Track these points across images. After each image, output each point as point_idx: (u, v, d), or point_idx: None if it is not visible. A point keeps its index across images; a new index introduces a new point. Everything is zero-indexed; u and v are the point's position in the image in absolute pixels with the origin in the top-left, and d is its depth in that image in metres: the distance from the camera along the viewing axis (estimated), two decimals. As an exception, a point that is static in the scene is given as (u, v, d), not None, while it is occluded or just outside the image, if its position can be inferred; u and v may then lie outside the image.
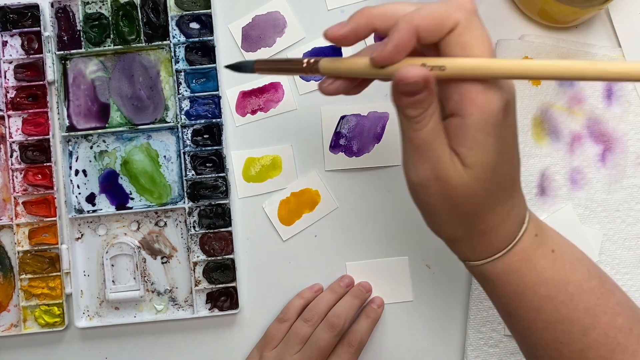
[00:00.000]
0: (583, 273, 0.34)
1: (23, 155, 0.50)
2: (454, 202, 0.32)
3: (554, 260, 0.33)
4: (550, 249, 0.34)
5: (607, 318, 0.33)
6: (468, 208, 0.32)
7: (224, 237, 0.51)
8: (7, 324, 0.50)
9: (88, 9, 0.51)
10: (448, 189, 0.32)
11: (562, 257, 0.34)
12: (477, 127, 0.30)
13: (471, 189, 0.31)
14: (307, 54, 0.52)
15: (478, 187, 0.31)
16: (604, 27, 0.53)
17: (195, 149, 0.51)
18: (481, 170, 0.31)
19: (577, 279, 0.33)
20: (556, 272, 0.33)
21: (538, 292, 0.33)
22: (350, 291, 0.50)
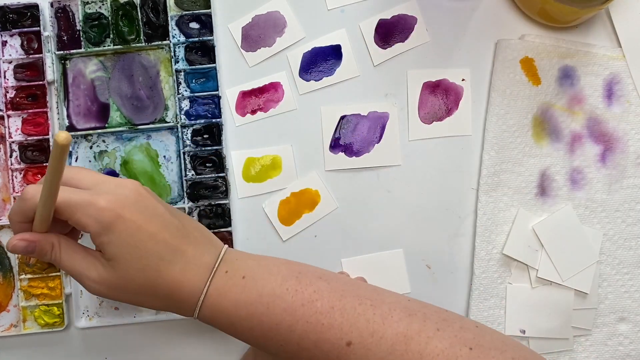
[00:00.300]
0: (275, 281, 0.39)
1: (23, 155, 0.50)
2: (119, 292, 0.39)
3: (244, 284, 0.39)
4: (240, 276, 0.40)
5: (304, 309, 0.38)
6: (132, 291, 0.39)
7: (224, 237, 0.51)
8: (7, 324, 0.50)
9: (88, 9, 0.51)
10: (104, 284, 0.39)
11: (253, 278, 0.39)
12: (93, 234, 0.38)
13: (114, 279, 0.39)
14: (307, 54, 0.52)
15: (119, 276, 0.39)
16: (604, 27, 0.53)
17: (195, 149, 0.51)
18: (117, 263, 0.38)
19: (269, 288, 0.39)
20: (248, 293, 0.39)
21: (241, 315, 0.39)
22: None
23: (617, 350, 0.51)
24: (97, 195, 0.38)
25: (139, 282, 0.39)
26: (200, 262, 0.40)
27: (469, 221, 0.52)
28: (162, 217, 0.39)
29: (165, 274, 0.39)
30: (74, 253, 0.40)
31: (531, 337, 0.51)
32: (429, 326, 0.37)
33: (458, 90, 0.52)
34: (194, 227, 0.42)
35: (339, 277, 0.41)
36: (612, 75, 0.52)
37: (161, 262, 0.39)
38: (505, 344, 0.37)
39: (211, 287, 0.39)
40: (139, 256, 0.38)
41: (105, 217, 0.37)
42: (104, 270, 0.39)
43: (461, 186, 0.52)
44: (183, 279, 0.39)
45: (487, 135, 0.51)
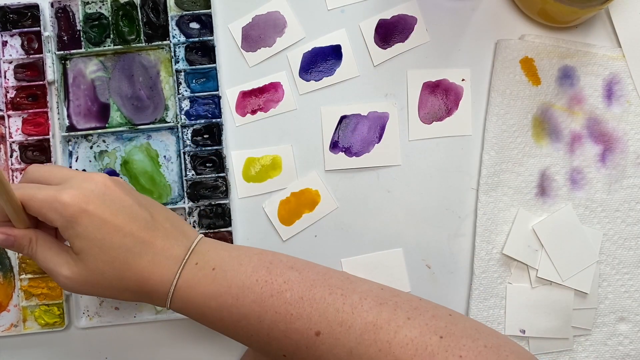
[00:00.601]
0: (245, 273, 0.39)
1: (23, 155, 0.50)
2: (90, 287, 0.40)
3: (214, 276, 0.39)
4: (210, 268, 0.40)
5: (273, 300, 0.38)
6: (103, 285, 0.40)
7: (224, 237, 0.51)
8: (7, 324, 0.50)
9: (88, 9, 0.51)
10: (75, 280, 0.40)
11: (223, 270, 0.40)
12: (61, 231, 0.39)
13: (83, 273, 0.40)
14: (307, 54, 0.52)
15: (89, 269, 0.39)
16: (604, 27, 0.53)
17: (195, 149, 0.51)
18: (85, 256, 0.39)
19: (239, 280, 0.39)
20: (217, 284, 0.39)
21: (211, 306, 0.39)
22: None
23: (617, 350, 0.51)
24: (62, 191, 0.38)
25: (108, 276, 0.39)
26: (170, 254, 0.40)
27: (469, 221, 0.52)
28: (129, 209, 0.40)
29: (134, 266, 0.39)
30: (49, 249, 0.41)
31: (531, 337, 0.51)
32: (400, 315, 0.37)
33: (458, 90, 0.52)
34: (165, 218, 0.42)
35: (312, 266, 0.41)
36: (612, 76, 0.52)
37: (129, 254, 0.39)
38: (479, 331, 0.37)
39: (180, 279, 0.40)
40: (106, 249, 0.39)
41: (69, 212, 0.38)
42: (74, 264, 0.40)
43: (461, 186, 0.52)
44: (152, 271, 0.40)
45: (487, 135, 0.51)
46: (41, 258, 0.41)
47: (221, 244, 0.42)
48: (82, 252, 0.39)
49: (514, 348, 0.37)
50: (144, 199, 0.42)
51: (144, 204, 0.41)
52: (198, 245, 0.41)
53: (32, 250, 0.41)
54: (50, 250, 0.41)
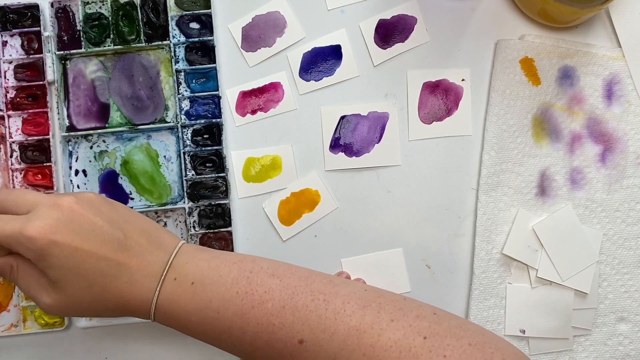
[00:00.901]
0: (225, 285, 0.39)
1: (23, 155, 0.50)
2: (73, 311, 0.40)
3: (193, 291, 0.39)
4: (190, 282, 0.39)
5: (255, 311, 0.38)
6: (85, 309, 0.40)
7: (224, 237, 0.51)
8: (7, 324, 0.50)
9: (88, 9, 0.51)
10: (56, 306, 0.40)
11: (202, 284, 0.39)
12: (34, 263, 0.39)
13: (63, 300, 0.39)
14: (307, 54, 0.52)
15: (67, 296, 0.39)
16: (604, 27, 0.53)
17: (195, 149, 0.51)
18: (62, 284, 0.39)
19: (218, 293, 0.39)
20: (197, 299, 0.39)
21: (193, 320, 0.39)
22: None
23: (616, 350, 0.51)
24: (28, 223, 0.38)
25: (88, 300, 0.39)
26: (147, 272, 0.39)
27: (469, 221, 0.52)
28: (99, 232, 0.39)
29: (112, 289, 0.39)
30: (29, 276, 0.40)
31: (531, 337, 0.51)
32: (383, 317, 0.37)
33: (458, 90, 0.52)
34: (140, 232, 0.41)
35: (294, 271, 0.41)
36: (612, 76, 0.52)
37: (105, 278, 0.39)
38: (463, 329, 0.37)
39: (160, 296, 0.39)
40: (81, 276, 0.38)
41: (37, 246, 0.37)
42: (53, 292, 0.39)
43: (461, 186, 0.52)
44: (131, 291, 0.39)
45: (487, 135, 0.51)
46: (23, 285, 0.40)
47: (201, 253, 0.41)
48: (59, 281, 0.39)
49: (500, 345, 0.36)
50: (117, 214, 0.41)
51: (116, 221, 0.40)
52: (176, 257, 0.41)
53: (14, 277, 0.41)
54: (30, 277, 0.40)
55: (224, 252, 0.42)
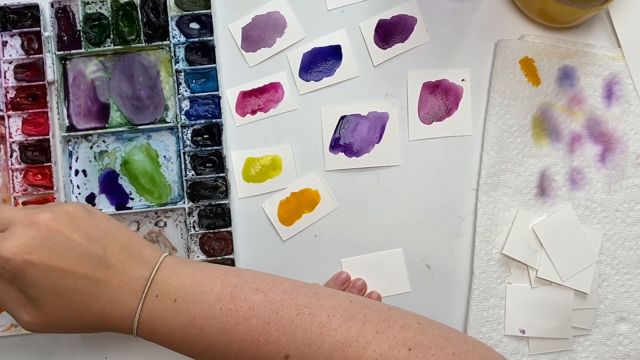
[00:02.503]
0: (208, 302, 0.38)
1: (23, 155, 0.50)
2: (53, 329, 0.39)
3: (175, 308, 0.38)
4: (172, 299, 0.38)
5: (239, 327, 0.37)
6: (65, 326, 0.39)
7: (224, 237, 0.51)
8: (7, 324, 0.50)
9: (88, 9, 0.51)
10: (36, 324, 0.39)
11: (184, 301, 0.38)
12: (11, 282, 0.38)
13: (43, 318, 0.38)
14: (307, 54, 0.52)
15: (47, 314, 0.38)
16: (604, 27, 0.53)
17: (195, 149, 0.51)
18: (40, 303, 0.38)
19: (202, 310, 0.38)
20: (180, 316, 0.38)
21: (177, 337, 0.38)
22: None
23: (616, 350, 0.51)
24: (2, 243, 0.36)
25: (67, 318, 0.38)
26: (128, 290, 0.38)
27: (469, 221, 0.52)
28: (77, 249, 0.38)
29: (92, 308, 0.38)
30: (6, 293, 0.39)
31: (531, 337, 0.51)
32: (368, 329, 0.37)
33: (458, 91, 0.52)
34: (121, 247, 0.39)
35: (278, 283, 0.40)
36: (612, 76, 0.52)
37: (85, 296, 0.38)
38: (447, 339, 0.37)
39: (142, 313, 0.38)
40: (59, 295, 0.37)
41: (13, 266, 0.36)
42: (32, 310, 0.38)
43: (461, 186, 0.52)
44: (112, 308, 0.38)
45: (487, 135, 0.51)
46: (1, 301, 0.39)
47: (183, 267, 0.40)
48: (37, 299, 0.38)
49: (483, 351, 0.36)
50: (96, 228, 0.39)
51: (95, 236, 0.39)
52: (158, 272, 0.39)
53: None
54: (7, 294, 0.39)
55: (207, 266, 0.41)
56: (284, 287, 0.39)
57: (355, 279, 0.51)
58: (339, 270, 0.51)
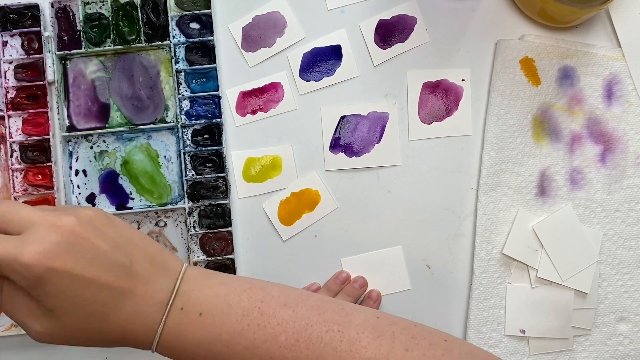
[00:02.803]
0: (235, 317, 0.37)
1: (23, 155, 0.50)
2: (66, 340, 0.36)
3: (201, 323, 0.36)
4: (197, 313, 0.37)
5: (267, 345, 0.36)
6: (80, 339, 0.37)
7: (224, 237, 0.51)
8: (7, 324, 0.50)
9: (88, 9, 0.51)
10: (48, 335, 0.36)
11: (210, 315, 0.37)
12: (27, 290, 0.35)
13: (57, 329, 0.36)
14: (307, 54, 0.52)
15: (63, 325, 0.35)
16: (604, 27, 0.53)
17: (195, 149, 0.51)
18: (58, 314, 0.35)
19: (229, 325, 0.36)
20: (206, 332, 0.36)
21: (200, 354, 0.36)
22: (342, 290, 0.50)
23: (616, 350, 0.51)
24: (22, 247, 0.33)
25: (85, 331, 0.36)
26: (153, 301, 0.36)
27: (469, 221, 0.52)
28: (103, 257, 0.35)
29: (114, 320, 0.36)
30: (16, 301, 0.36)
31: (531, 337, 0.51)
32: (398, 347, 0.36)
33: (458, 91, 0.52)
34: (145, 256, 0.37)
35: (305, 299, 0.38)
36: (612, 76, 0.52)
37: (107, 308, 0.35)
38: (473, 356, 0.37)
39: (166, 327, 0.36)
40: (79, 306, 0.35)
41: (34, 274, 0.33)
42: (46, 320, 0.35)
43: (461, 186, 0.52)
44: (134, 322, 0.36)
45: (487, 135, 0.51)
46: (8, 309, 0.36)
47: (207, 279, 0.38)
48: (54, 310, 0.35)
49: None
50: (120, 235, 0.37)
51: (120, 244, 0.36)
52: (182, 283, 0.37)
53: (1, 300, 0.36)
54: (18, 301, 0.36)
55: (230, 278, 0.39)
56: (311, 303, 0.38)
57: (356, 276, 0.51)
58: (339, 270, 0.51)
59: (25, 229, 0.34)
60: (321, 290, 0.51)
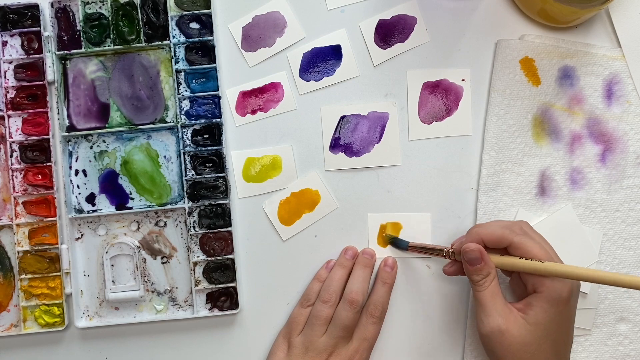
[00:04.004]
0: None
1: (23, 155, 0.50)
2: (511, 349, 0.42)
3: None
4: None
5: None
6: (522, 356, 0.42)
7: (224, 237, 0.51)
8: (7, 324, 0.50)
9: (88, 9, 0.51)
10: (508, 336, 0.42)
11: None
12: (546, 298, 0.43)
13: (527, 339, 0.42)
14: (307, 54, 0.52)
15: (533, 340, 0.42)
16: (604, 27, 0.53)
17: (195, 149, 0.51)
18: (538, 328, 0.42)
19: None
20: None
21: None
22: (357, 263, 0.50)
23: (616, 350, 0.51)
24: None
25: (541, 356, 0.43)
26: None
27: (469, 221, 0.52)
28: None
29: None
30: (497, 294, 0.44)
31: (531, 337, 0.51)
32: None
33: (458, 90, 0.52)
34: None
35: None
36: (612, 76, 0.52)
37: (556, 349, 0.43)
38: None
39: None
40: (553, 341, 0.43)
41: (565, 293, 0.42)
42: (518, 326, 0.42)
43: (461, 186, 0.52)
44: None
45: (487, 135, 0.51)
46: (485, 297, 0.44)
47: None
48: (536, 324, 0.42)
49: None
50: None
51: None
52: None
53: (484, 285, 0.44)
54: (498, 297, 0.44)
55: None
56: None
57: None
58: (345, 247, 0.51)
59: (550, 259, 0.44)
60: (334, 268, 0.50)
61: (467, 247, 0.45)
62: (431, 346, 0.51)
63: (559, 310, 0.43)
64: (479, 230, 0.46)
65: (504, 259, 0.44)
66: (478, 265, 0.44)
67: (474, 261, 0.44)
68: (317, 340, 0.48)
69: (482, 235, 0.45)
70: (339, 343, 0.48)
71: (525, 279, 0.45)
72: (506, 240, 0.44)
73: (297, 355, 0.48)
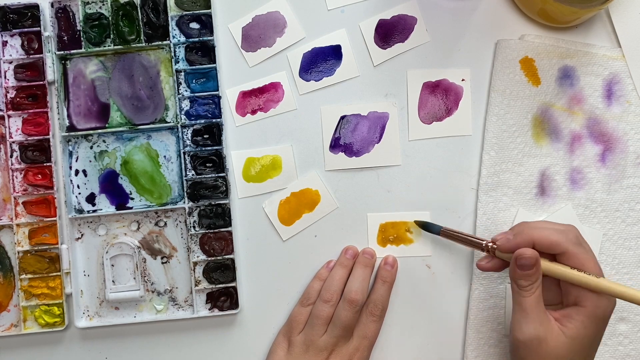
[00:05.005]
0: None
1: (23, 155, 0.50)
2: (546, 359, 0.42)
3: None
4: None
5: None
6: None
7: (224, 237, 0.51)
8: (7, 324, 0.50)
9: (88, 9, 0.51)
10: (545, 346, 0.42)
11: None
12: (589, 314, 0.42)
13: (563, 352, 0.42)
14: (307, 54, 0.52)
15: (568, 353, 0.42)
16: (604, 27, 0.53)
17: (195, 149, 0.51)
18: (575, 342, 0.42)
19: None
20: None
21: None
22: (357, 262, 0.50)
23: (616, 350, 0.51)
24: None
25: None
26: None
27: (469, 221, 0.52)
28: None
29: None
30: (540, 302, 0.43)
31: (531, 337, 0.51)
32: None
33: (458, 90, 0.52)
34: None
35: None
36: (612, 76, 0.52)
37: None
38: None
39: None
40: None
41: (608, 312, 0.42)
42: (556, 337, 0.42)
43: (461, 186, 0.52)
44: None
45: (487, 135, 0.51)
46: (529, 303, 0.42)
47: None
48: (575, 338, 0.42)
49: None
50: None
51: None
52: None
53: (530, 290, 0.43)
54: (541, 305, 0.42)
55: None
56: None
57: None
58: (345, 246, 0.51)
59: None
60: (335, 267, 0.50)
61: (523, 253, 0.43)
62: (431, 346, 0.51)
63: (598, 328, 0.42)
64: (532, 232, 0.44)
65: (555, 268, 0.43)
66: (529, 271, 0.43)
67: (527, 267, 0.43)
68: (317, 340, 0.48)
69: (535, 238, 0.43)
70: (339, 342, 0.48)
71: (567, 289, 0.43)
72: (560, 247, 0.43)
73: (298, 353, 0.48)
